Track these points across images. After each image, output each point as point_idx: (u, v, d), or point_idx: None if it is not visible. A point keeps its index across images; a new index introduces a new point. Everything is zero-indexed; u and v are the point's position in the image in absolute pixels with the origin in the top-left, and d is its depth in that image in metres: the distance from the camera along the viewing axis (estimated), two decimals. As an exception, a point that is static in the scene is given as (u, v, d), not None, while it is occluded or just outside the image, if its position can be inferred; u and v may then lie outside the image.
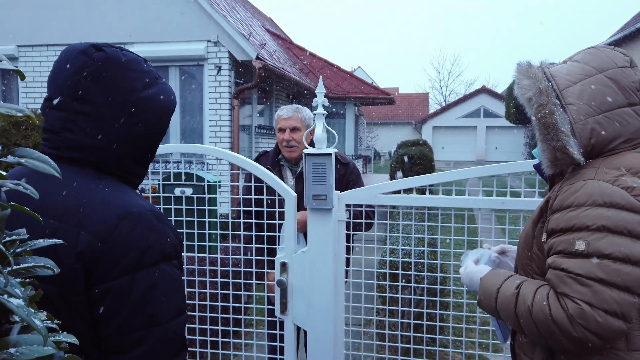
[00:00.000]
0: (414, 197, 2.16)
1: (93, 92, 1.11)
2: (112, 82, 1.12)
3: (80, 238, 1.01)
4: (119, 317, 1.02)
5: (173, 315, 1.07)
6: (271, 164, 2.77)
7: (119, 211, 1.05)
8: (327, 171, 2.12)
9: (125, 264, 1.02)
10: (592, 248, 1.17)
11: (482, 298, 1.38)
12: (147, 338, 1.03)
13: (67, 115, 1.11)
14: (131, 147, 1.16)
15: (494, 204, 2.09)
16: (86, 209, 1.04)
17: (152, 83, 1.18)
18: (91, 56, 1.12)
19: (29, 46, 9.19)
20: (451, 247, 2.21)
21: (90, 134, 1.11)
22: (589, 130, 1.26)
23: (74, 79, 1.11)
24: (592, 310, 1.15)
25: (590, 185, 1.22)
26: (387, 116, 37.58)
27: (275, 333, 2.38)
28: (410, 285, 2.38)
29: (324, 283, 2.17)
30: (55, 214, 1.03)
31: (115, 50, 1.16)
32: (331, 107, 15.57)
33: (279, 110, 2.86)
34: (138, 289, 1.03)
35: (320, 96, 2.14)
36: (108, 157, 1.14)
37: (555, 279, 1.22)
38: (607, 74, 1.28)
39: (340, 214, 2.22)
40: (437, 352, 2.21)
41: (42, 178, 1.04)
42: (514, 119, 19.30)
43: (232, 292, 2.38)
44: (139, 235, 1.05)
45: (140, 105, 1.15)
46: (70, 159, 1.12)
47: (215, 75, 8.63)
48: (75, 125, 1.11)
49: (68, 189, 1.07)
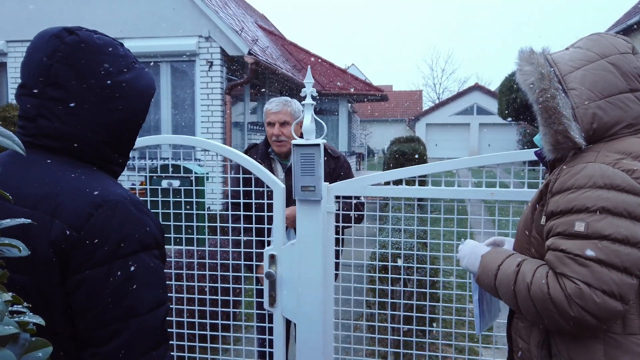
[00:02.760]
0: (403, 188, 2.15)
1: (66, 77, 1.07)
2: (85, 66, 1.08)
3: (54, 227, 0.98)
4: (95, 309, 0.99)
5: (152, 307, 1.04)
6: (261, 158, 2.73)
7: (95, 199, 1.02)
8: (315, 162, 2.10)
9: (101, 253, 0.99)
10: (592, 229, 1.17)
11: (481, 274, 1.38)
12: (125, 330, 1.00)
13: (41, 102, 1.08)
14: (109, 134, 1.13)
15: (483, 195, 2.08)
16: (61, 197, 1.01)
17: (128, 67, 1.14)
18: (63, 40, 1.08)
19: (18, 41, 9.09)
20: (441, 239, 2.20)
21: (65, 121, 1.08)
22: (591, 114, 1.27)
23: (46, 63, 1.07)
24: (590, 290, 1.15)
25: (591, 167, 1.22)
26: (381, 113, 37.61)
27: (265, 326, 2.36)
28: (400, 278, 2.37)
29: (313, 275, 2.16)
30: (29, 203, 1.01)
31: (89, 34, 1.11)
32: (324, 104, 15.55)
33: (268, 103, 2.79)
34: (115, 280, 1.00)
35: (308, 86, 2.11)
36: (85, 145, 1.10)
37: (554, 259, 1.22)
38: (609, 60, 1.29)
39: (330, 206, 2.20)
40: (427, 344, 2.21)
41: (18, 168, 1.07)
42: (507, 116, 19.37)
43: (221, 285, 2.35)
44: (116, 224, 1.02)
45: (116, 90, 1.11)
46: (46, 147, 1.09)
47: (207, 70, 8.58)
48: (49, 112, 1.08)
49: (43, 178, 1.04)
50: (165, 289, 1.12)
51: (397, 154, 11.38)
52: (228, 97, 8.71)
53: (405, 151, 11.36)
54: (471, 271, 1.47)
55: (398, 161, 10.98)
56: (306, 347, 2.19)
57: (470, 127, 33.84)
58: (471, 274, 1.51)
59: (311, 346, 2.18)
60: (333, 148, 2.83)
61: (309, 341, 2.18)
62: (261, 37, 12.34)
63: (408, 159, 10.96)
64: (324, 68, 15.30)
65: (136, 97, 1.16)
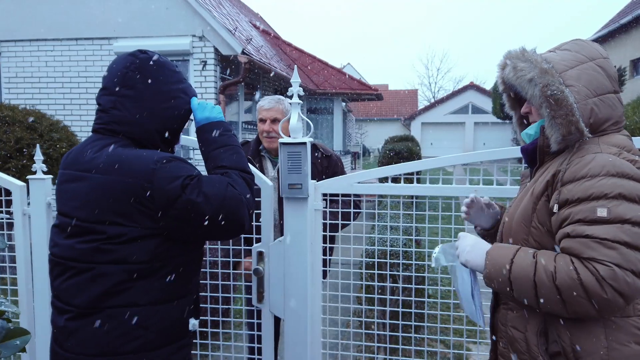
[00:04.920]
0: (389, 185, 2.18)
1: (136, 81, 1.50)
2: (151, 75, 1.51)
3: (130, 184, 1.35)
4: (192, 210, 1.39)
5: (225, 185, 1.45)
6: (252, 155, 2.76)
7: (153, 158, 1.39)
8: (302, 160, 2.13)
9: (174, 192, 1.36)
10: (614, 214, 1.24)
11: (492, 269, 1.38)
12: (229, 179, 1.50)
13: (116, 98, 1.49)
14: (161, 125, 1.53)
15: (467, 192, 2.11)
16: (128, 162, 1.38)
17: (181, 80, 1.59)
18: (137, 57, 1.52)
19: (11, 41, 9.07)
20: (426, 235, 2.23)
21: (131, 112, 1.48)
22: (589, 110, 1.36)
23: (123, 72, 1.50)
24: (621, 271, 1.21)
25: (601, 157, 1.30)
26: (377, 113, 37.63)
27: (254, 322, 2.39)
28: (386, 274, 2.40)
29: (300, 272, 2.18)
30: (104, 170, 1.39)
31: (156, 54, 1.56)
32: (319, 103, 15.56)
33: (261, 100, 2.84)
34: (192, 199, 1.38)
35: (295, 85, 2.14)
36: (142, 131, 1.50)
37: (579, 245, 1.26)
38: (597, 63, 1.40)
39: (317, 203, 2.23)
40: (413, 338, 2.24)
41: (87, 150, 1.46)
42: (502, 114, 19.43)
43: (210, 282, 2.38)
44: (174, 170, 1.39)
45: (171, 94, 1.54)
46: (113, 131, 1.49)
47: (200, 70, 8.59)
48: (121, 105, 1.49)
49: (111, 154, 1.42)
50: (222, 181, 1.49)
51: (391, 153, 11.43)
52: (222, 96, 8.71)
53: (399, 150, 11.40)
54: (472, 266, 1.46)
55: (392, 160, 11.01)
56: (294, 343, 2.22)
57: (465, 126, 33.92)
58: (469, 269, 1.51)
59: (299, 342, 2.21)
60: (325, 147, 2.86)
61: (296, 337, 2.21)
62: (255, 36, 12.34)
63: (402, 158, 11.01)
64: (319, 67, 15.30)
65: (184, 102, 1.59)
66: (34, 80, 9.16)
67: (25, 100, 8.94)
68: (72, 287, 1.40)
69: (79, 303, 1.39)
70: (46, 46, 9.04)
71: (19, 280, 2.54)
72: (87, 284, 1.38)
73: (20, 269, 2.53)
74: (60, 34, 8.91)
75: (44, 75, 9.12)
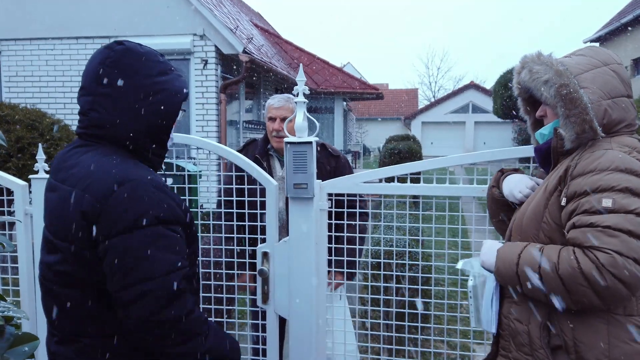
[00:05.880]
0: (395, 185, 2.16)
1: (114, 77, 1.30)
2: (130, 68, 1.31)
3: (85, 200, 1.19)
4: (119, 272, 1.16)
5: (171, 269, 1.20)
6: (259, 154, 2.73)
7: (119, 178, 1.21)
8: (307, 159, 2.11)
9: (122, 224, 1.17)
10: (619, 205, 1.27)
11: (501, 266, 1.43)
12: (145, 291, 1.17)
13: (94, 98, 1.31)
14: (147, 125, 1.33)
15: (475, 192, 2.09)
16: (93, 176, 1.22)
17: (166, 72, 1.36)
18: (113, 49, 1.34)
19: (11, 40, 9.04)
20: (432, 236, 2.21)
21: (112, 113, 1.30)
22: (603, 110, 1.40)
23: (98, 68, 1.31)
24: (622, 258, 1.22)
25: (611, 153, 1.34)
26: (377, 112, 37.61)
27: (258, 323, 2.36)
28: (393, 275, 2.38)
29: (306, 272, 2.16)
30: (72, 182, 1.25)
31: (135, 44, 1.36)
32: (320, 102, 15.54)
33: (271, 99, 2.80)
34: (134, 246, 1.17)
35: (300, 84, 2.12)
36: (126, 134, 1.31)
37: (582, 235, 1.29)
38: (611, 67, 1.45)
39: (322, 203, 2.21)
40: (419, 339, 2.22)
41: (72, 155, 1.33)
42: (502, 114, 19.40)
43: (214, 283, 2.36)
44: (135, 199, 1.19)
45: (154, 88, 1.33)
46: (95, 135, 1.32)
47: (201, 69, 8.57)
48: (99, 106, 1.30)
49: (85, 161, 1.27)
50: (184, 255, 1.27)
51: (392, 152, 11.41)
52: (223, 95, 8.69)
53: (400, 149, 11.38)
54: (486, 266, 1.50)
55: (393, 159, 10.99)
56: (299, 344, 2.20)
57: (465, 126, 33.88)
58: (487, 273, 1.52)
59: (304, 343, 2.19)
60: (333, 147, 2.83)
61: (301, 338, 2.19)
62: (256, 35, 12.32)
63: (403, 157, 10.99)
64: (320, 66, 15.28)
65: (171, 96, 1.37)
66: (34, 79, 9.14)
67: (25, 99, 8.91)
68: (50, 309, 1.30)
69: (61, 327, 1.29)
70: (46, 45, 9.01)
71: (21, 281, 2.51)
72: (63, 309, 1.27)
73: (22, 270, 2.50)
74: (61, 32, 8.88)
75: (45, 74, 9.10)
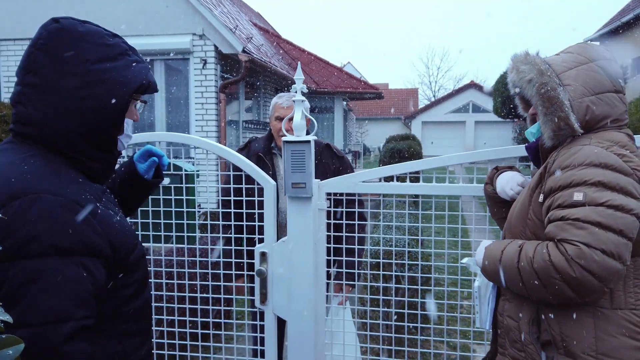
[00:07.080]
0: (395, 184, 2.14)
1: (42, 64, 1.04)
2: (62, 51, 1.04)
3: None
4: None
5: (51, 320, 0.91)
6: (263, 152, 2.70)
7: (14, 191, 0.94)
8: (306, 159, 2.08)
9: (3, 248, 0.88)
10: (589, 198, 1.28)
11: (487, 263, 1.46)
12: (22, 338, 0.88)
13: (21, 89, 1.06)
14: (80, 122, 1.05)
15: (475, 191, 2.07)
16: None
17: (112, 57, 1.09)
18: (47, 27, 1.07)
19: (10, 40, 9.02)
20: (432, 235, 2.19)
21: (38, 107, 1.04)
22: (585, 107, 1.41)
23: (28, 51, 1.06)
24: (589, 250, 1.24)
25: (587, 149, 1.35)
26: (377, 112, 37.57)
27: (257, 324, 2.34)
28: (392, 275, 2.36)
29: (304, 272, 2.14)
30: None
31: (73, 22, 1.09)
32: (320, 102, 15.52)
33: (278, 97, 2.75)
34: (12, 280, 0.90)
35: (298, 83, 2.10)
36: (55, 133, 1.04)
37: (554, 228, 1.31)
38: (597, 63, 1.45)
39: (320, 203, 2.18)
40: (419, 340, 2.20)
41: None
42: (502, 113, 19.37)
43: (212, 284, 2.34)
44: (27, 220, 0.92)
45: (89, 77, 1.05)
46: (20, 134, 1.06)
47: (201, 68, 8.55)
48: (26, 99, 1.05)
49: None
50: (82, 304, 0.96)
51: (392, 152, 11.39)
52: (222, 95, 8.67)
53: (400, 149, 11.36)
54: (478, 263, 1.53)
55: (393, 159, 10.97)
56: (298, 345, 2.18)
57: (465, 125, 33.85)
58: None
59: (302, 343, 2.17)
60: (337, 148, 2.81)
61: (300, 338, 2.17)
62: (256, 35, 12.30)
63: (403, 157, 10.97)
64: (320, 66, 15.25)
65: (114, 88, 1.08)
66: (33, 79, 9.11)
67: (24, 99, 8.88)
68: None
69: None
70: (46, 45, 8.98)
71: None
72: None
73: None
74: (60, 32, 8.86)
75: (44, 74, 9.06)
